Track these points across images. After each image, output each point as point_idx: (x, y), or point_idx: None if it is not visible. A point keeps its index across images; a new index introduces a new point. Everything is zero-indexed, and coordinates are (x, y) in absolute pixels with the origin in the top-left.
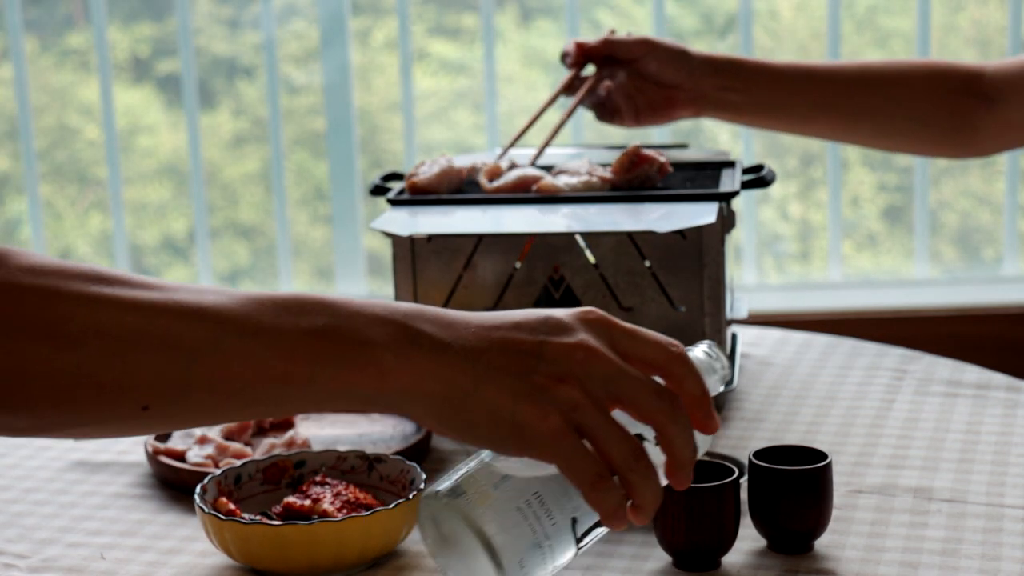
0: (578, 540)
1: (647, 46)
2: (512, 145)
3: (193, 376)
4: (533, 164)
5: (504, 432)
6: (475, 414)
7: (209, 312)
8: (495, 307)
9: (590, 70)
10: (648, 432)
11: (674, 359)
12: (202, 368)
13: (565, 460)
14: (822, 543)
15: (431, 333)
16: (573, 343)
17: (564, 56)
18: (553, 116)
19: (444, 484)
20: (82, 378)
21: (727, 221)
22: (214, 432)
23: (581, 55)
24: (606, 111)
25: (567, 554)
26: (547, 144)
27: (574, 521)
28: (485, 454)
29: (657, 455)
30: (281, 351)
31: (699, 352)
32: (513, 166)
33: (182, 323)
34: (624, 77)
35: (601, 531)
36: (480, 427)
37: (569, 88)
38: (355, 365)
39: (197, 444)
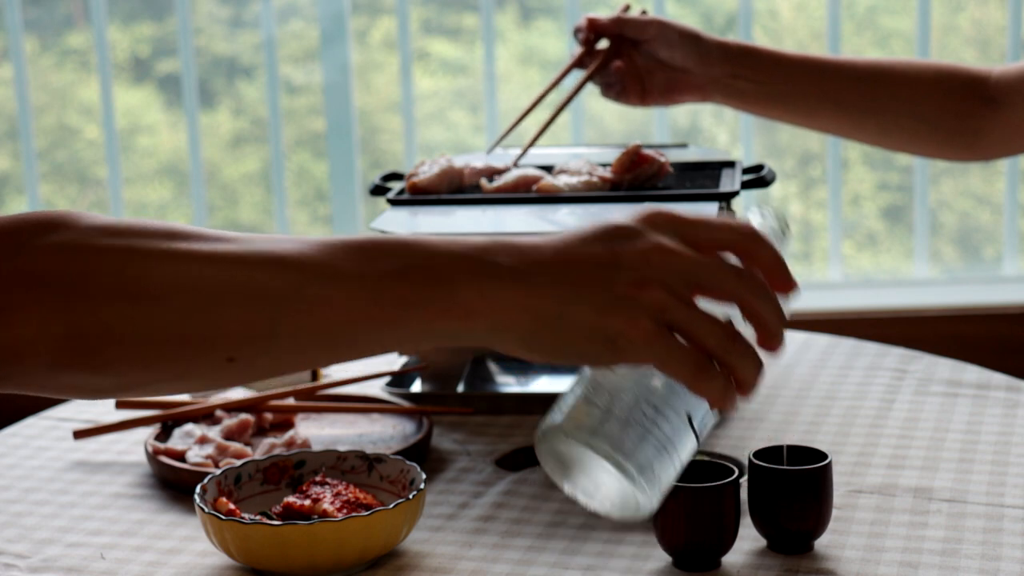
0: (696, 433)
1: (659, 27)
2: (524, 116)
3: (278, 325)
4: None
5: (598, 347)
6: (566, 336)
7: (290, 260)
8: None
9: (602, 45)
10: (735, 312)
11: (743, 235)
12: (287, 316)
13: (662, 360)
14: (822, 543)
15: (509, 264)
16: (647, 247)
17: (577, 31)
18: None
19: (554, 417)
20: (166, 334)
21: None
22: (214, 432)
23: (593, 31)
24: (612, 89)
25: (689, 449)
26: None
27: (690, 417)
28: (585, 374)
29: (748, 331)
30: (365, 296)
31: (755, 220)
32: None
33: (263, 273)
34: (634, 56)
35: (713, 420)
36: (573, 346)
37: (580, 63)
38: (439, 306)
39: (197, 444)
